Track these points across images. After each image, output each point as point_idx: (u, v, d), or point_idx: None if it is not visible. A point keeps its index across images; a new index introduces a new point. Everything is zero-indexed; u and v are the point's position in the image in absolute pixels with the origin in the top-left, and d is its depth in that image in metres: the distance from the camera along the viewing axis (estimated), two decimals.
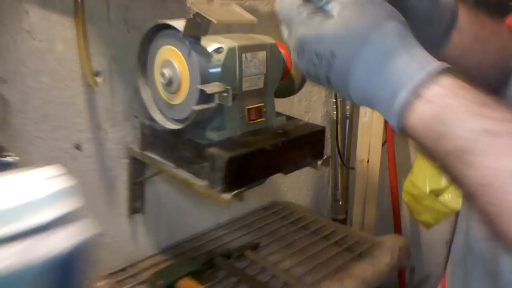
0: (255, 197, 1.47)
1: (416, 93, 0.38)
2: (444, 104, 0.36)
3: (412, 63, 0.39)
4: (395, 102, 0.39)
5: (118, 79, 1.05)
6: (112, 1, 1.00)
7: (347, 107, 1.68)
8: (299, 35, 0.44)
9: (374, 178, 1.59)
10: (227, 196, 0.88)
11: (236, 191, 0.89)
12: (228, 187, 0.88)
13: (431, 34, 0.50)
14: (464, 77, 0.38)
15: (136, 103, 1.08)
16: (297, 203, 1.67)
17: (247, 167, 0.90)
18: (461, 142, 0.35)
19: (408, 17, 0.43)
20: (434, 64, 0.39)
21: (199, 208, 1.34)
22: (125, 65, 1.05)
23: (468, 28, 0.52)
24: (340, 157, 1.69)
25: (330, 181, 1.78)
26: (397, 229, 1.69)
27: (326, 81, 0.44)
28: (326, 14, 0.42)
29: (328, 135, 1.72)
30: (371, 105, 0.42)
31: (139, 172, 1.14)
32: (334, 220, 1.72)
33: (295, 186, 1.68)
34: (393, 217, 1.68)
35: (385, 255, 1.30)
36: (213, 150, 0.90)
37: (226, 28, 1.23)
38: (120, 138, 1.10)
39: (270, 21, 1.36)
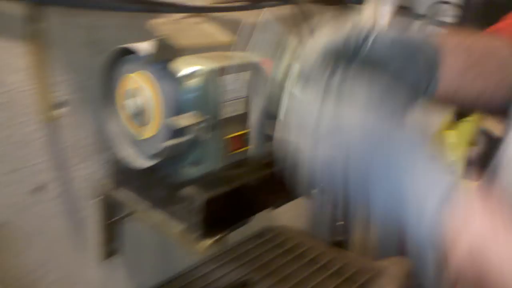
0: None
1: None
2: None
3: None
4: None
5: (85, 109, 0.94)
6: (77, 21, 0.89)
7: None
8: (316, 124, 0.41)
9: None
10: (204, 243, 0.76)
11: (216, 237, 0.77)
12: (208, 232, 0.77)
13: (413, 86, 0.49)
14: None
15: (106, 134, 0.97)
16: (293, 225, 1.55)
17: (229, 207, 0.79)
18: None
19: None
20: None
21: None
22: (93, 93, 0.93)
23: (453, 62, 0.50)
24: None
25: (329, 202, 1.67)
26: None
27: (342, 183, 0.41)
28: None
29: None
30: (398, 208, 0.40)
31: (112, 210, 1.03)
32: (334, 242, 1.61)
33: (291, 207, 1.57)
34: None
35: (389, 284, 1.19)
36: (189, 190, 0.78)
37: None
38: (90, 175, 0.98)
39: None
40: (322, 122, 0.41)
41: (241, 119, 0.87)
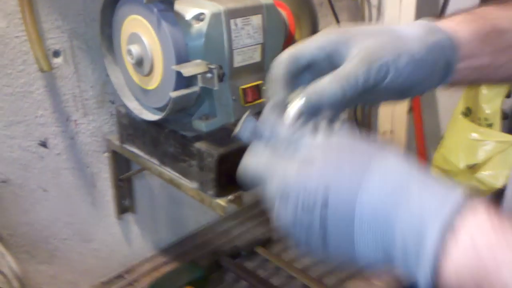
0: None
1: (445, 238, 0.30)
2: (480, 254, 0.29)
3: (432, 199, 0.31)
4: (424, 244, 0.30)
5: (84, 58, 0.86)
6: None
7: None
8: (280, 177, 0.35)
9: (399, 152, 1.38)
10: (221, 201, 0.70)
11: (233, 196, 0.70)
12: (221, 190, 0.70)
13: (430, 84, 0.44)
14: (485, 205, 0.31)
15: (110, 85, 0.89)
16: None
17: None
18: None
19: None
20: (456, 198, 0.31)
21: None
22: (92, 40, 0.85)
23: (470, 46, 0.45)
24: (358, 129, 1.48)
25: None
26: None
27: (320, 232, 0.33)
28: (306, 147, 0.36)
29: None
30: (386, 256, 0.32)
31: (123, 166, 0.97)
32: None
33: None
34: None
35: None
36: (200, 146, 0.71)
37: None
38: (95, 128, 0.92)
39: None
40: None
41: (256, 68, 0.78)
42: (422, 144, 1.40)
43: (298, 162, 0.35)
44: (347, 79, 0.38)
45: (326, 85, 0.38)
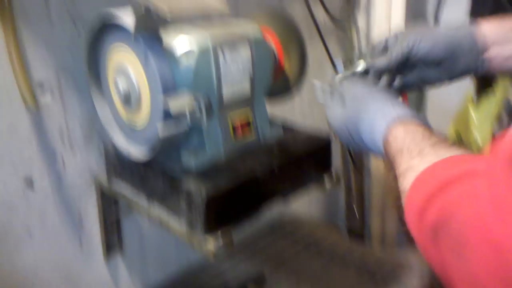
0: None
1: (385, 137, 0.54)
2: (397, 146, 0.52)
3: (382, 119, 0.55)
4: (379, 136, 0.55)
5: (71, 93, 0.85)
6: None
7: None
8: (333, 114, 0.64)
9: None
10: (210, 244, 0.67)
11: (223, 238, 0.68)
12: (210, 232, 0.68)
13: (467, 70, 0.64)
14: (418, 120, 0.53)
15: (98, 121, 0.87)
16: (306, 215, 1.46)
17: (234, 204, 0.69)
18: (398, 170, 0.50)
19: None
20: (399, 114, 0.54)
21: None
22: (78, 75, 0.84)
23: (498, 40, 0.61)
24: (352, 158, 1.47)
25: (343, 185, 1.57)
26: None
27: (350, 137, 0.61)
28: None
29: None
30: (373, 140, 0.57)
31: (111, 204, 0.94)
32: (350, 232, 1.52)
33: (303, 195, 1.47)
34: None
35: (412, 278, 1.09)
36: (189, 184, 0.69)
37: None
38: (83, 166, 0.89)
39: (257, 3, 1.13)
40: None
41: (246, 101, 0.77)
42: None
43: (340, 105, 0.61)
44: (389, 55, 0.65)
45: (377, 59, 0.66)
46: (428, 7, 1.38)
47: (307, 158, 0.79)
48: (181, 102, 0.63)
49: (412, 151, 0.48)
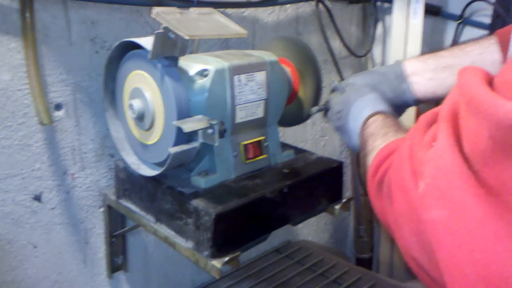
0: None
1: (365, 122, 0.68)
2: (370, 131, 0.65)
3: (367, 109, 0.69)
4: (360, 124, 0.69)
5: (85, 111, 0.86)
6: (74, 15, 0.81)
7: None
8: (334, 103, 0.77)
9: None
10: (217, 263, 0.67)
11: (229, 257, 0.67)
12: (217, 251, 0.67)
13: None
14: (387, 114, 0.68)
15: (110, 139, 0.88)
16: (314, 240, 1.44)
17: (242, 224, 0.69)
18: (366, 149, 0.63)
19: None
20: (383, 108, 0.69)
21: None
22: (94, 94, 0.86)
23: (422, 73, 0.77)
24: (362, 184, 1.45)
25: (352, 212, 1.55)
26: None
27: (340, 123, 0.74)
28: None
29: (348, 160, 1.50)
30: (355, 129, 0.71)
31: (118, 222, 0.94)
32: (358, 259, 1.49)
33: (312, 221, 1.46)
34: None
35: None
36: (197, 203, 0.68)
37: (222, 43, 1.02)
38: (93, 183, 0.90)
39: (274, 32, 1.17)
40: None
41: (259, 124, 0.77)
42: None
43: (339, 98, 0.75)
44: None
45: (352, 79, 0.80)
46: (445, 37, 1.39)
47: (318, 182, 0.79)
48: (195, 123, 0.63)
49: (379, 134, 0.61)
